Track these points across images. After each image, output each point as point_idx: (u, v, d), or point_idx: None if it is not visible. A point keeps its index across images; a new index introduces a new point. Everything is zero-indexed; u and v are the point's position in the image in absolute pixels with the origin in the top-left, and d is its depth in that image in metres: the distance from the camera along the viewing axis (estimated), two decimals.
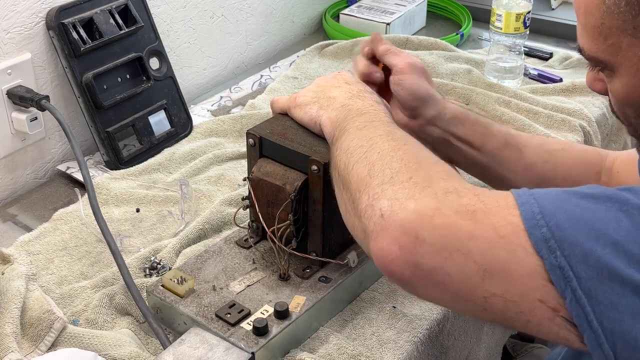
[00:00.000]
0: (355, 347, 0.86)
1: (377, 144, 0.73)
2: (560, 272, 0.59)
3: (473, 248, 0.61)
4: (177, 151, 1.24)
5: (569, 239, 0.59)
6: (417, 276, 0.63)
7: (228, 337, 0.82)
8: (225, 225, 1.06)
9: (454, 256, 0.62)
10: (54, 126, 1.20)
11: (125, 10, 1.23)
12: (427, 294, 0.67)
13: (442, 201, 0.63)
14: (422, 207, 0.63)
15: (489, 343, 1.08)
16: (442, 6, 1.80)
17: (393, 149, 0.72)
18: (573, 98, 1.39)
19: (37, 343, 0.85)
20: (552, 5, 1.74)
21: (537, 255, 0.60)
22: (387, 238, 0.63)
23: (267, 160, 0.91)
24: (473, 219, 0.62)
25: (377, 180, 0.68)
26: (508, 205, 0.62)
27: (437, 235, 0.62)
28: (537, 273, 0.60)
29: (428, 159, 0.72)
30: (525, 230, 0.60)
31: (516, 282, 0.61)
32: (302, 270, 0.91)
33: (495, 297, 0.62)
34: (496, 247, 0.61)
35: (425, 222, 0.62)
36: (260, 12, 1.58)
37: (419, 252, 0.62)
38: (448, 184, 0.66)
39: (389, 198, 0.65)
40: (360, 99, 0.85)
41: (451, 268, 0.62)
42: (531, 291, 0.61)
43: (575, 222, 0.60)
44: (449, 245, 0.62)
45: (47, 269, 0.99)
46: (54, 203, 1.14)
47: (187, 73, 1.44)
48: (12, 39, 1.12)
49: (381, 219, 0.64)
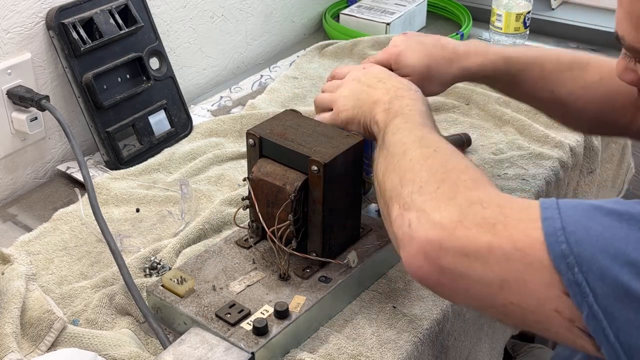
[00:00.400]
0: (355, 347, 0.86)
1: (409, 151, 0.77)
2: (578, 287, 0.60)
3: (491, 259, 0.65)
4: (177, 151, 1.24)
5: (587, 256, 0.60)
6: (442, 283, 0.69)
7: (228, 337, 0.82)
8: (225, 225, 1.07)
9: (474, 266, 0.65)
10: (54, 126, 1.20)
11: (125, 10, 1.23)
12: (455, 299, 0.73)
13: (465, 213, 0.67)
14: (446, 219, 0.67)
15: (489, 343, 1.08)
16: (442, 6, 1.80)
17: (423, 156, 0.76)
18: None
19: (37, 343, 0.85)
20: (552, 5, 1.74)
21: (554, 269, 0.61)
22: (414, 248, 0.68)
23: (267, 160, 0.91)
24: (492, 231, 0.65)
25: (407, 190, 0.72)
26: (530, 218, 0.64)
27: (458, 247, 0.66)
28: (552, 285, 0.62)
29: (456, 166, 0.74)
30: (545, 245, 0.62)
31: (532, 292, 0.63)
32: (302, 270, 0.91)
33: (513, 305, 0.65)
34: (513, 258, 0.64)
35: (448, 234, 0.66)
36: (260, 12, 1.58)
37: (443, 262, 0.67)
38: (473, 194, 0.69)
39: (417, 209, 0.69)
40: (397, 99, 0.87)
41: (472, 277, 0.66)
42: (547, 302, 0.63)
43: (596, 239, 0.61)
44: (469, 255, 0.65)
45: (47, 269, 0.99)
46: (54, 203, 1.14)
47: (187, 73, 1.44)
48: (12, 39, 1.12)
49: (409, 229, 0.69)
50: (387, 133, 0.83)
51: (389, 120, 0.84)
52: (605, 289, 0.59)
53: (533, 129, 1.28)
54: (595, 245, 0.61)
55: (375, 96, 0.90)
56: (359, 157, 0.91)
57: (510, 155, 1.23)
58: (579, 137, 1.28)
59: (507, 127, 1.30)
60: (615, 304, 0.59)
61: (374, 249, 0.95)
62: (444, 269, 0.67)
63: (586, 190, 1.35)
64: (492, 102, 1.35)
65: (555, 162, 1.22)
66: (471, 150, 1.24)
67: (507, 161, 1.21)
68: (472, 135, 1.26)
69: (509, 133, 1.29)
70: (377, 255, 0.95)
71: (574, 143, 1.26)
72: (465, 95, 1.38)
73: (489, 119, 1.33)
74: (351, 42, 1.56)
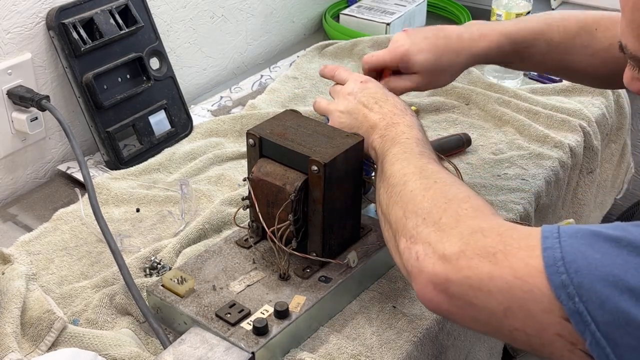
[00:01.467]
0: (355, 347, 0.86)
1: (410, 183, 0.79)
2: (579, 316, 0.61)
3: (493, 288, 0.66)
4: (177, 151, 1.24)
5: (587, 285, 0.61)
6: (452, 312, 0.71)
7: (228, 337, 0.82)
8: (225, 225, 1.07)
9: (478, 295, 0.68)
10: (54, 126, 1.20)
11: (125, 10, 1.23)
12: (465, 325, 0.74)
13: (467, 242, 0.69)
14: (449, 250, 0.70)
15: (488, 343, 1.08)
16: (442, 6, 1.80)
17: (424, 188, 0.78)
18: (573, 98, 1.39)
19: (38, 343, 0.85)
20: (552, 5, 1.74)
21: (554, 298, 0.63)
22: (423, 280, 0.71)
23: (267, 160, 0.91)
24: (493, 260, 0.67)
25: (412, 223, 0.75)
26: (530, 247, 0.66)
27: (462, 277, 0.68)
28: (553, 312, 0.63)
29: (457, 195, 0.76)
30: (545, 274, 0.63)
31: (534, 319, 0.65)
32: (302, 270, 0.91)
33: (518, 331, 0.67)
34: (514, 287, 0.65)
35: (452, 265, 0.69)
36: (260, 12, 1.58)
37: (450, 292, 0.69)
38: (474, 223, 0.71)
39: (423, 242, 0.72)
40: (393, 126, 0.88)
41: (477, 305, 0.68)
42: (549, 327, 0.64)
43: (595, 268, 0.61)
44: (473, 285, 0.68)
45: (47, 269, 0.99)
46: (54, 203, 1.14)
47: (187, 73, 1.44)
48: (13, 39, 1.12)
49: (417, 262, 0.72)
50: (385, 162, 0.84)
51: (386, 149, 0.86)
52: (606, 317, 0.60)
53: (533, 129, 1.28)
54: (594, 273, 0.61)
55: (371, 120, 0.91)
56: (359, 157, 0.91)
57: (510, 155, 1.23)
58: (578, 137, 1.29)
59: (507, 127, 1.31)
60: (617, 331, 0.60)
61: (374, 249, 0.95)
62: (452, 298, 0.69)
63: (586, 190, 1.35)
64: (492, 102, 1.35)
65: (555, 162, 1.22)
66: (471, 150, 1.24)
67: (507, 161, 1.21)
68: (472, 135, 1.26)
69: (508, 133, 1.29)
70: (377, 255, 0.95)
71: (573, 143, 1.26)
72: (465, 95, 1.38)
73: (489, 119, 1.33)
74: (351, 42, 1.56)
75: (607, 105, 1.39)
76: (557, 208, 1.27)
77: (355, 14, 1.67)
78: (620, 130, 1.45)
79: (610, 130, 1.41)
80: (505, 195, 1.13)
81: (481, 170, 1.20)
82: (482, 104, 1.35)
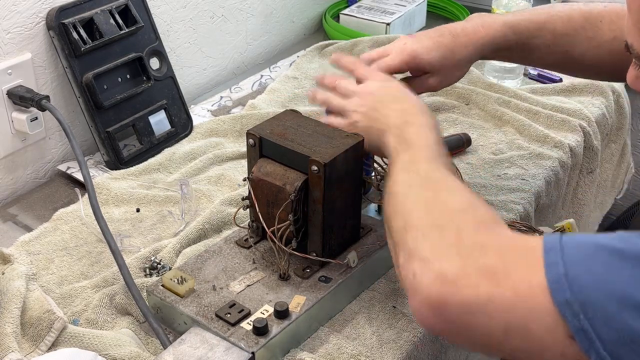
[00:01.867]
0: (355, 347, 0.86)
1: (413, 193, 0.77)
2: (584, 334, 0.60)
3: (493, 309, 0.64)
4: (177, 151, 1.24)
5: (591, 302, 0.60)
6: (447, 332, 0.68)
7: (228, 337, 0.82)
8: (225, 225, 1.07)
9: (476, 316, 0.65)
10: (54, 126, 1.20)
11: (125, 10, 1.23)
12: (463, 345, 0.73)
13: (466, 259, 0.67)
14: (447, 269, 0.67)
15: None
16: (442, 6, 1.80)
17: (427, 200, 0.75)
18: (573, 98, 1.39)
19: (38, 343, 0.85)
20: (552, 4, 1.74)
21: (558, 315, 0.61)
22: (418, 298, 0.68)
23: (267, 160, 0.91)
24: (494, 279, 0.64)
25: (411, 235, 0.72)
26: (531, 263, 0.64)
27: (460, 297, 0.65)
28: (557, 330, 0.61)
29: (460, 206, 0.74)
30: (549, 291, 0.61)
31: (537, 338, 0.63)
32: (302, 270, 0.91)
33: (519, 351, 0.65)
34: (515, 306, 0.63)
35: (449, 285, 0.66)
36: (260, 12, 1.58)
37: (447, 312, 0.66)
38: (475, 238, 0.69)
39: (420, 258, 0.69)
40: (409, 126, 0.85)
41: (475, 326, 0.65)
42: (553, 346, 0.62)
43: (599, 283, 0.60)
44: (471, 306, 0.65)
45: (47, 269, 0.99)
46: (54, 203, 1.14)
47: (187, 73, 1.44)
48: (13, 39, 1.12)
49: (414, 279, 0.68)
50: (394, 168, 0.82)
51: (397, 154, 0.83)
52: (611, 335, 0.59)
53: (533, 129, 1.28)
54: (599, 289, 0.60)
55: (389, 119, 0.87)
56: (359, 157, 0.91)
57: (510, 155, 1.23)
58: (578, 137, 1.29)
59: (507, 127, 1.31)
60: (622, 348, 0.59)
61: (374, 249, 0.95)
62: (448, 320, 0.67)
63: (586, 190, 1.35)
64: (492, 102, 1.35)
65: (555, 162, 1.22)
66: (471, 150, 1.24)
67: (507, 161, 1.21)
68: (472, 135, 1.26)
69: (508, 133, 1.29)
70: (377, 255, 0.95)
71: (573, 143, 1.27)
72: (465, 95, 1.38)
73: (489, 119, 1.33)
74: (351, 42, 1.56)
75: (607, 105, 1.39)
76: (557, 208, 1.27)
77: (355, 14, 1.67)
78: (620, 130, 1.45)
79: (610, 130, 1.41)
80: (505, 195, 1.13)
81: (481, 170, 1.20)
82: (482, 104, 1.35)
